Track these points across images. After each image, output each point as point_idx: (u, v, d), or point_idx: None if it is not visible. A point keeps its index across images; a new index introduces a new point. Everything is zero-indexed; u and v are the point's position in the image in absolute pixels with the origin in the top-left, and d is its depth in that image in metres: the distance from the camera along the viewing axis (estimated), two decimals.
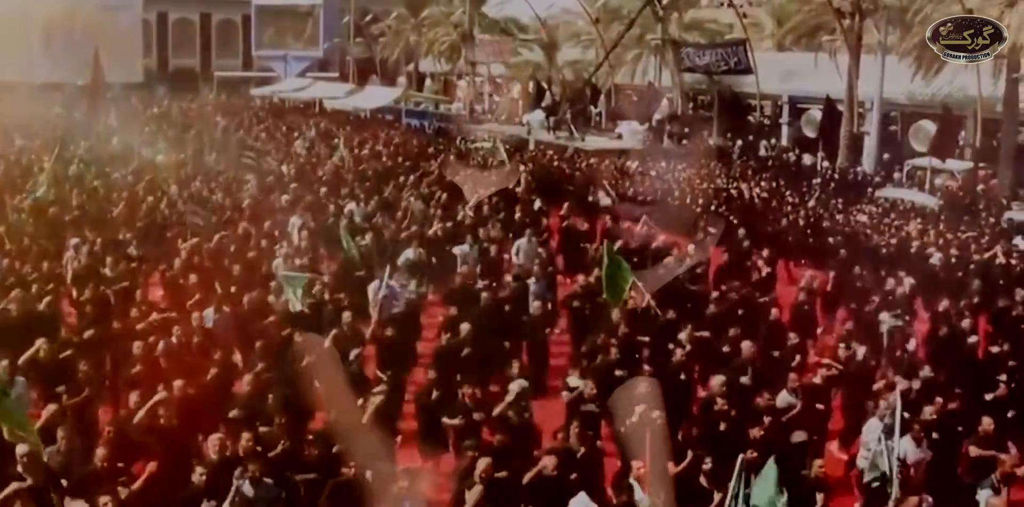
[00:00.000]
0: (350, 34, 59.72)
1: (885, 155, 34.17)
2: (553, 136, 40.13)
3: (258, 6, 62.32)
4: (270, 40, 62.57)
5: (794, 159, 35.95)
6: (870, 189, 29.31)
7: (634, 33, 42.98)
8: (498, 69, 52.36)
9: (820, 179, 31.18)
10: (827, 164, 34.67)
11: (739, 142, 38.16)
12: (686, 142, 37.80)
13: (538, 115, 43.40)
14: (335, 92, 50.28)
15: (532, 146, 37.97)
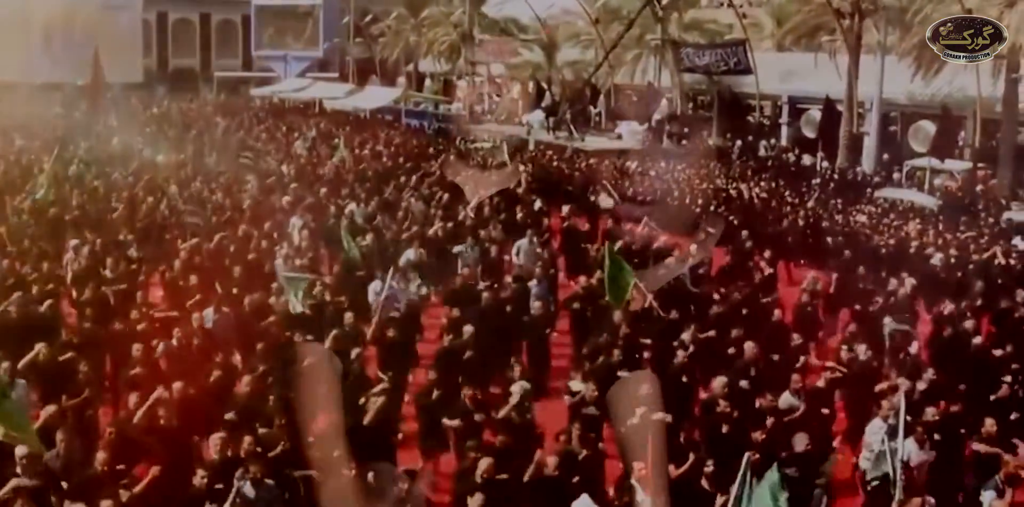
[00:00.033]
0: (350, 34, 59.58)
1: (885, 155, 34.12)
2: (553, 136, 40.05)
3: (258, 6, 62.23)
4: (270, 40, 62.49)
5: (794, 159, 35.93)
6: (869, 189, 29.26)
7: (634, 33, 42.92)
8: (498, 69, 52.25)
9: (819, 179, 31.16)
10: (826, 164, 34.61)
11: (739, 142, 38.10)
12: (686, 142, 37.76)
13: (538, 115, 43.36)
14: (335, 92, 50.15)
15: (532, 146, 37.92)
